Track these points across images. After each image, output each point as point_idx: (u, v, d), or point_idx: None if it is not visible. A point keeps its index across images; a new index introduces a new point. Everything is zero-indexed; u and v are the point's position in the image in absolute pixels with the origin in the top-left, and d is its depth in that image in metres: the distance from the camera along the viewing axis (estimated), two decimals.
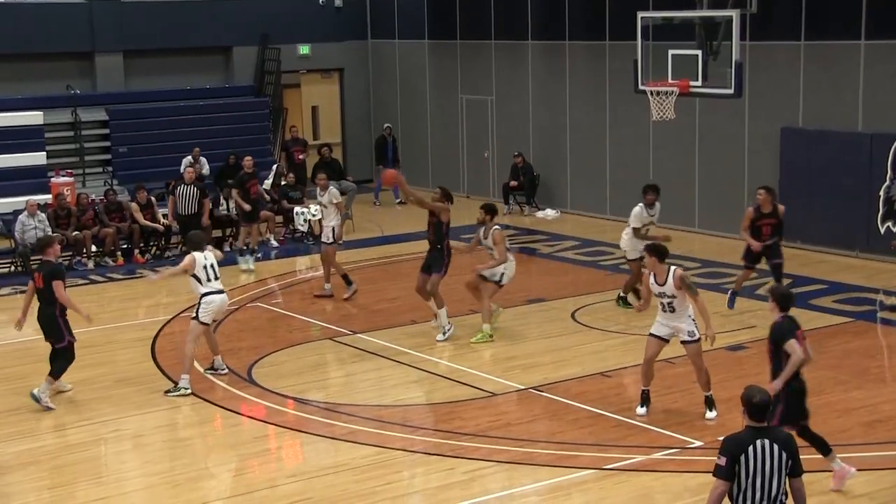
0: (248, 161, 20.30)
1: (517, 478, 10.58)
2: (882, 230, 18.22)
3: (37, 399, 12.55)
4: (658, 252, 11.61)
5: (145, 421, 12.25)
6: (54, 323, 12.70)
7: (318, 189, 17.25)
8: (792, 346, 9.49)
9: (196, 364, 13.88)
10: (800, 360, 9.51)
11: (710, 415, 11.69)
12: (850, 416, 11.70)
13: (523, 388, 12.88)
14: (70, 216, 19.81)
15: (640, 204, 15.54)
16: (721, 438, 7.45)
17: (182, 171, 20.64)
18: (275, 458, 11.35)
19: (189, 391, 12.87)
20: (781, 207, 14.96)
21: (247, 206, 19.38)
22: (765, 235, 14.89)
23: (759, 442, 7.11)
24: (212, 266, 13.00)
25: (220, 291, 13.10)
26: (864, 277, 17.44)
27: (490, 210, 14.49)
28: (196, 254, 12.99)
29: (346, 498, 10.11)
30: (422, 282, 14.79)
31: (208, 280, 12.96)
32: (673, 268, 11.58)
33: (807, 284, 17.15)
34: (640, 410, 11.82)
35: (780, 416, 9.36)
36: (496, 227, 14.41)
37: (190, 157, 22.02)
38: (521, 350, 14.39)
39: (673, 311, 11.51)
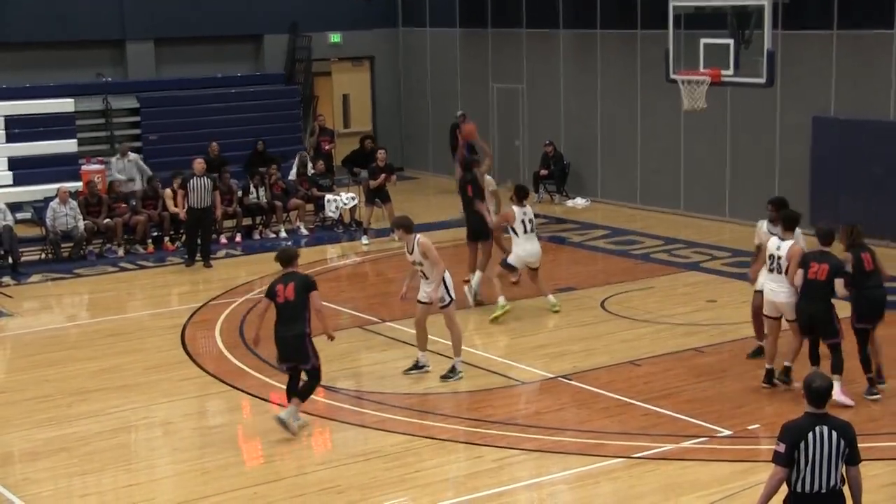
0: (381, 154, 20.36)
1: (546, 466, 10.58)
2: None
3: (284, 423, 11.19)
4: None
5: (175, 408, 12.32)
6: (302, 343, 11.28)
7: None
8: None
9: (225, 351, 13.97)
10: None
11: None
12: (881, 404, 11.61)
13: (552, 376, 12.87)
14: (101, 204, 19.92)
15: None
16: (756, 425, 7.42)
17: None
18: (304, 445, 11.38)
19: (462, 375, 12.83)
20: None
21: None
22: None
23: (818, 429, 7.10)
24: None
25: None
26: None
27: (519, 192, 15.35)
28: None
29: (376, 485, 10.15)
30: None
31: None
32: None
33: None
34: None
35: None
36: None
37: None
38: (551, 339, 14.38)
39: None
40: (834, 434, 7.12)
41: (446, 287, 12.73)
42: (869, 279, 11.62)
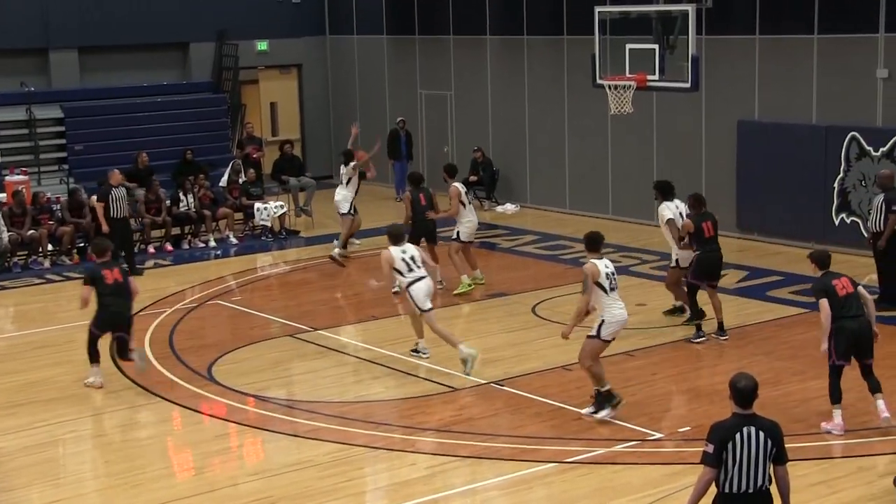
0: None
1: (480, 472, 10.60)
2: (836, 222, 18.41)
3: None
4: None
5: (104, 421, 12.17)
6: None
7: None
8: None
9: (155, 363, 13.83)
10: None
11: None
12: (807, 405, 11.82)
13: (485, 382, 12.91)
14: (25, 215, 19.59)
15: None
16: (678, 428, 7.49)
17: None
18: (236, 456, 11.31)
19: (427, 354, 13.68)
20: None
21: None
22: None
23: (745, 429, 7.19)
24: (411, 258, 13.46)
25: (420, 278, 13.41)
26: None
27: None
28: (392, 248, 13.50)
29: (309, 495, 10.10)
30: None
31: (410, 270, 13.35)
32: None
33: (764, 276, 17.31)
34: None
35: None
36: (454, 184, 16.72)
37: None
38: (483, 344, 14.40)
39: None
40: (761, 434, 7.21)
41: (411, 298, 13.40)
42: (707, 244, 13.87)
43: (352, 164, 19.14)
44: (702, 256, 13.95)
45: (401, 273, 13.38)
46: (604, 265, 11.38)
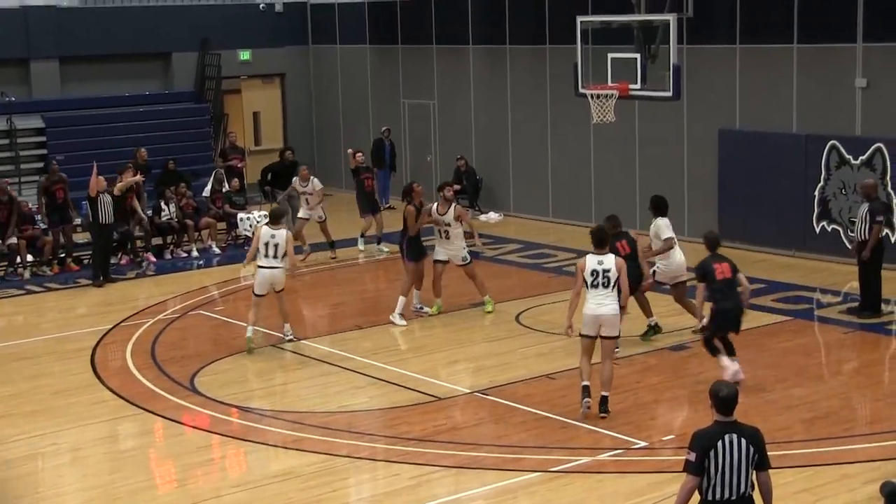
0: (359, 157, 20.62)
1: (464, 482, 10.58)
2: (817, 230, 18.47)
3: None
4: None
5: (85, 433, 12.08)
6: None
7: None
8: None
9: (136, 373, 13.76)
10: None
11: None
12: (790, 413, 11.85)
13: (469, 391, 12.89)
14: (8, 225, 19.47)
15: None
16: (663, 435, 7.49)
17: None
18: (219, 467, 11.25)
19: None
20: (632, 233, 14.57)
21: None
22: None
23: (727, 436, 7.20)
24: (275, 245, 14.25)
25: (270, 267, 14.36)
26: (802, 276, 17.66)
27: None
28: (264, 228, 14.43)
29: None
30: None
31: (265, 255, 14.32)
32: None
33: None
34: None
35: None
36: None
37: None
38: (467, 353, 14.41)
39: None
40: (743, 441, 7.22)
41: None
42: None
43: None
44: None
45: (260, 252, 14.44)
46: (596, 261, 11.77)
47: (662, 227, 14.39)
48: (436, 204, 15.86)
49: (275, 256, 14.37)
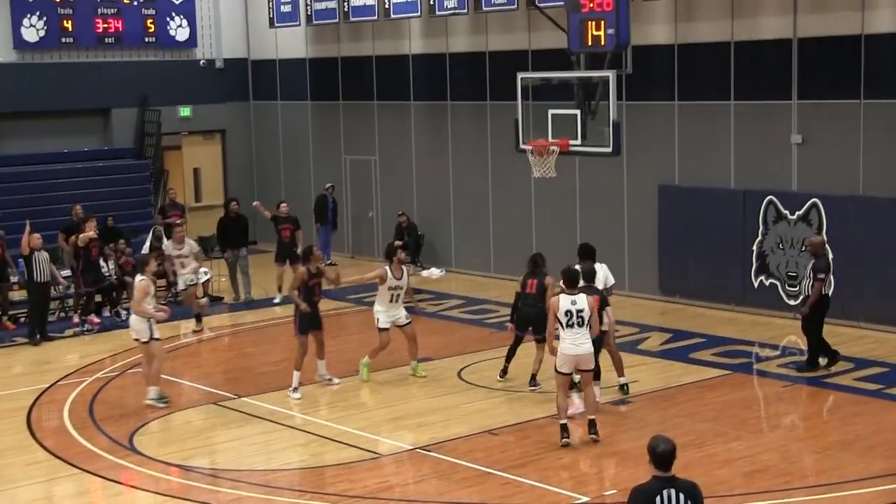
0: (283, 207, 21.40)
1: None
2: (756, 284, 18.70)
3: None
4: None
5: (20, 495, 11.84)
6: None
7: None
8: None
9: (74, 432, 13.54)
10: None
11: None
12: (730, 466, 11.90)
13: (411, 447, 12.82)
14: None
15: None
16: (601, 493, 7.48)
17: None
18: None
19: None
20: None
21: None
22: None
23: (665, 492, 7.19)
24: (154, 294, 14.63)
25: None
26: (741, 330, 17.84)
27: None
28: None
29: None
30: None
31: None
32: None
33: (686, 338, 17.48)
34: None
35: None
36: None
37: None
38: (409, 409, 14.35)
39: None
40: (682, 496, 7.23)
41: None
42: (526, 298, 14.84)
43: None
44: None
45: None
46: (569, 301, 12.51)
47: (606, 270, 15.03)
48: (388, 269, 15.41)
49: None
